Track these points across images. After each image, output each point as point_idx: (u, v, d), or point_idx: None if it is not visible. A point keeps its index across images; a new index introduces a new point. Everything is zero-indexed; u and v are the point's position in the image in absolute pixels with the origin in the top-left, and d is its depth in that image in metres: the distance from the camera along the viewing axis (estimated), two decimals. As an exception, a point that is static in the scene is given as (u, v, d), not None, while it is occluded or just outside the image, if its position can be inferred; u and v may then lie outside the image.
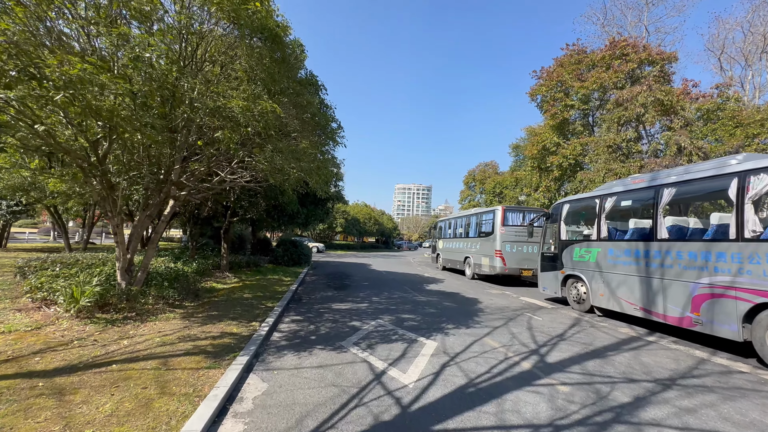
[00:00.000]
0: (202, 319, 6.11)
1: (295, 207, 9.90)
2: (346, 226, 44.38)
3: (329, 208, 15.07)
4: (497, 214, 13.56)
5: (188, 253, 13.11)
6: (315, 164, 5.83)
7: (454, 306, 8.74)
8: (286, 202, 9.55)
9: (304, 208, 11.66)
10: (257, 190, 8.79)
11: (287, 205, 9.63)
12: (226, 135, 4.26)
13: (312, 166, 5.70)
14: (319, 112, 6.43)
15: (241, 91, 4.48)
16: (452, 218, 18.90)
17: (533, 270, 13.34)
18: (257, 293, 8.97)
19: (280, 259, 16.55)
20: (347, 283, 12.39)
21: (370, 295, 10.08)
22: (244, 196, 9.78)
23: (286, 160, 5.11)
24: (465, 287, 12.57)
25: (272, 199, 9.47)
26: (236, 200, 9.61)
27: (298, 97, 5.74)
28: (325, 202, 13.41)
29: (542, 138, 15.88)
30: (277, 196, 9.37)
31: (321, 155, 6.02)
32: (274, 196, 9.38)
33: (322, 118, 6.49)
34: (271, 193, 9.25)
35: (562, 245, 9.39)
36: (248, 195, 9.49)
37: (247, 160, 5.40)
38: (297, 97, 5.71)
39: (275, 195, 9.36)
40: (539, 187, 16.62)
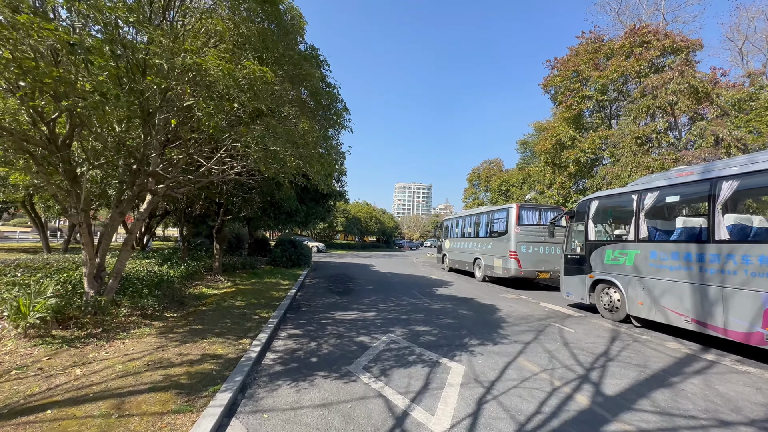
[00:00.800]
0: (182, 335, 5.15)
1: (293, 204, 8.94)
2: (346, 225, 43.42)
3: (331, 205, 14.05)
4: (511, 213, 12.61)
5: (179, 255, 12.15)
6: (316, 151, 4.87)
7: (472, 315, 7.79)
8: (284, 198, 8.59)
9: (304, 205, 10.70)
10: (251, 184, 7.85)
11: (285, 201, 8.68)
12: (201, 107, 3.33)
13: (313, 154, 4.73)
14: (321, 90, 5.44)
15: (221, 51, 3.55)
16: (460, 217, 17.94)
17: (550, 272, 12.42)
18: (251, 300, 8.01)
19: (278, 260, 15.59)
20: (351, 287, 11.43)
21: (377, 301, 9.13)
22: (238, 192, 8.84)
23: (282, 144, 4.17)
24: (478, 291, 11.62)
25: (268, 195, 8.50)
26: (228, 196, 8.66)
27: (297, 68, 4.75)
28: (326, 199, 12.41)
29: (556, 132, 14.93)
30: (274, 192, 8.41)
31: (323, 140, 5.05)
32: (271, 191, 8.43)
33: (324, 96, 5.49)
34: (267, 188, 8.30)
35: (590, 246, 8.44)
36: (242, 190, 8.55)
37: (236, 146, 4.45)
38: (295, 69, 4.73)
39: (271, 190, 8.41)
40: (552, 184, 15.67)
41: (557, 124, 15.34)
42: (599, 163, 14.53)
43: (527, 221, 12.59)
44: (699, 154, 9.85)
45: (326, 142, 4.86)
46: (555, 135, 14.93)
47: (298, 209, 9.68)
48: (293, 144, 4.35)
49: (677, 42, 13.45)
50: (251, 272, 12.91)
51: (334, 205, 14.35)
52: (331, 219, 40.80)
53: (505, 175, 30.67)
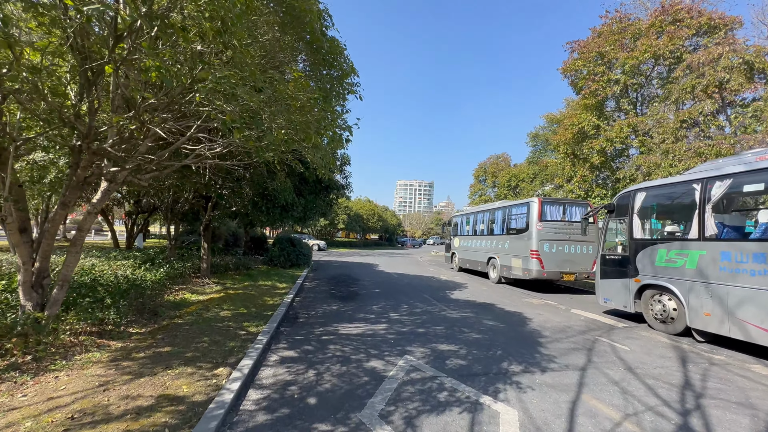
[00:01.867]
0: (141, 362, 3.97)
1: (289, 196, 7.76)
2: (348, 223, 42.22)
3: (332, 199, 12.75)
4: (533, 208, 11.38)
5: (167, 254, 10.97)
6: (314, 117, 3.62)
7: (501, 327, 6.59)
8: (278, 189, 7.39)
9: (302, 198, 9.45)
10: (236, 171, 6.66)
11: (279, 193, 7.50)
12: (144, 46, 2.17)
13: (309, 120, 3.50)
14: (322, 38, 4.14)
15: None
16: (471, 213, 16.71)
17: (576, 274, 11.21)
18: (240, 309, 6.83)
19: (275, 259, 14.40)
20: (355, 291, 10.24)
21: (386, 308, 7.93)
22: (225, 183, 7.65)
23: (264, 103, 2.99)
24: (497, 295, 10.41)
25: (260, 186, 7.31)
26: (215, 188, 7.46)
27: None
28: (327, 192, 11.17)
29: (578, 120, 13.67)
30: (266, 182, 7.21)
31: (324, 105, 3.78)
32: (262, 181, 7.22)
33: (326, 45, 4.17)
34: (258, 177, 7.10)
35: (636, 245, 7.23)
36: (229, 180, 7.36)
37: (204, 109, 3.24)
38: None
39: (263, 180, 7.20)
40: (573, 177, 14.43)
41: (578, 112, 14.07)
42: (627, 153, 13.28)
43: (550, 217, 11.36)
44: (762, 138, 8.60)
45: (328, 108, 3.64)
46: (576, 124, 13.67)
47: (295, 202, 8.45)
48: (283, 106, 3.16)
49: (714, 20, 12.15)
50: (245, 274, 11.73)
51: (336, 198, 13.03)
52: (332, 216, 39.62)
53: (513, 170, 29.36)
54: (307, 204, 9.47)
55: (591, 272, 11.32)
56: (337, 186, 11.46)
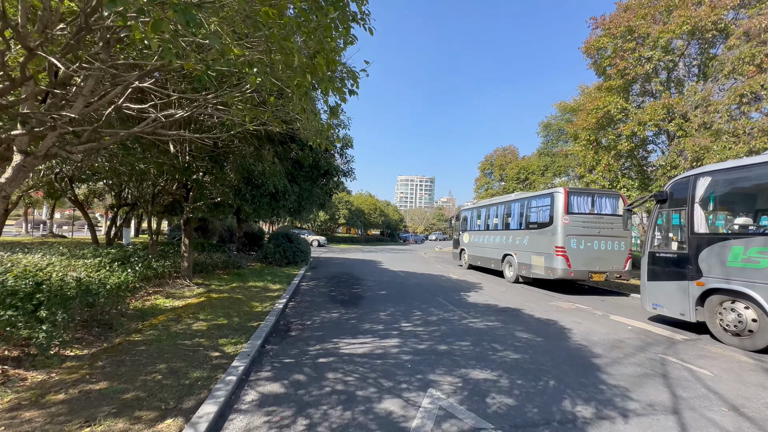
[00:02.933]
0: (53, 410, 2.75)
1: (279, 182, 6.47)
2: (349, 218, 40.95)
3: (331, 187, 11.43)
4: (558, 199, 10.11)
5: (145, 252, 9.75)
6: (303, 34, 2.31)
7: (540, 342, 5.36)
8: (266, 173, 6.12)
9: (295, 185, 8.11)
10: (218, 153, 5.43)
11: (267, 178, 6.22)
12: None
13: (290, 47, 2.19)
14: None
15: None
16: (483, 206, 15.45)
17: (606, 273, 9.97)
18: (219, 319, 5.61)
19: (270, 257, 13.17)
20: (358, 293, 9.02)
21: (396, 315, 6.71)
22: (206, 168, 6.39)
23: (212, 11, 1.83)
24: (519, 298, 9.19)
25: (244, 169, 6.05)
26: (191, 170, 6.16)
27: None
28: (326, 178, 10.01)
29: (603, 103, 12.36)
30: (251, 165, 5.94)
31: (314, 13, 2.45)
32: (246, 164, 5.95)
33: None
34: (242, 160, 5.83)
35: (698, 242, 5.98)
36: (209, 163, 6.11)
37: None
38: None
39: (246, 162, 5.92)
40: (596, 166, 13.15)
41: (602, 95, 12.76)
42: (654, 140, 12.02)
43: (578, 209, 10.10)
44: None
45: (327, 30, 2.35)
46: (601, 107, 12.37)
47: (288, 190, 7.14)
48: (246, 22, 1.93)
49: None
50: (235, 273, 10.51)
51: (336, 186, 11.60)
52: (333, 211, 38.37)
53: (522, 162, 28.03)
54: (301, 192, 8.11)
55: (623, 272, 10.10)
56: (336, 171, 10.22)
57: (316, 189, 9.02)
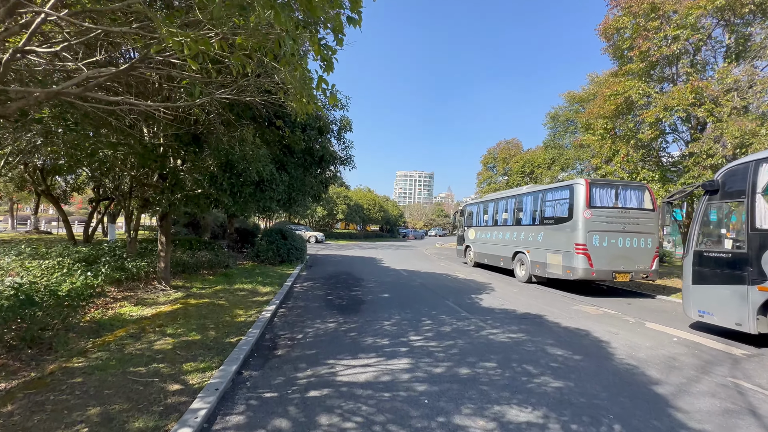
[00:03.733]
0: None
1: (264, 168, 5.40)
2: (348, 213, 39.93)
3: (328, 177, 10.03)
4: (578, 192, 9.16)
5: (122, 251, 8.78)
6: None
7: (579, 361, 4.43)
8: (248, 158, 5.07)
9: (284, 172, 7.10)
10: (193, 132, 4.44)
11: (249, 164, 5.17)
12: None
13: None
14: None
15: None
16: (490, 200, 14.49)
17: (632, 273, 9.05)
18: (191, 333, 4.65)
19: (262, 255, 12.20)
20: (358, 296, 8.07)
21: (403, 325, 5.76)
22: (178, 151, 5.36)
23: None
24: (536, 301, 8.27)
25: (223, 154, 5.02)
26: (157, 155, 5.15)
27: None
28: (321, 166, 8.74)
29: (623, 87, 11.38)
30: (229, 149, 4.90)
31: None
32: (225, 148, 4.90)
33: None
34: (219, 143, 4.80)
35: (761, 239, 5.05)
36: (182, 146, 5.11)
37: None
38: None
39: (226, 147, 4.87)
40: (613, 157, 12.20)
41: (621, 80, 11.78)
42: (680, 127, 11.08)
43: (600, 202, 9.15)
44: None
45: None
46: (621, 93, 11.40)
47: (274, 178, 6.09)
48: None
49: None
50: (222, 273, 9.54)
51: (333, 176, 10.39)
52: (331, 206, 37.40)
53: (527, 155, 27.07)
54: (292, 182, 7.02)
55: (650, 271, 9.18)
56: (333, 158, 8.96)
57: (309, 178, 7.82)
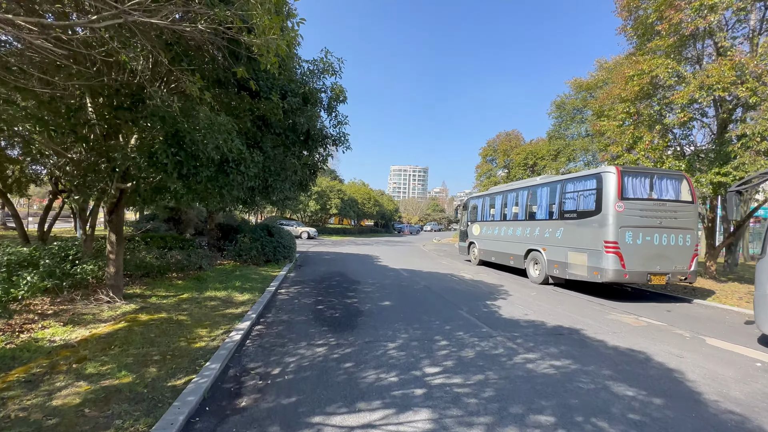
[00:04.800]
0: None
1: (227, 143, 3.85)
2: (342, 208, 38.43)
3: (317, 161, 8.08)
4: (608, 181, 7.94)
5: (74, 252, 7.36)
6: None
7: (661, 406, 3.20)
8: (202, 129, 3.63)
9: (257, 151, 5.32)
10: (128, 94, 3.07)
11: (205, 136, 3.70)
12: None
13: None
14: None
15: None
16: (498, 193, 13.24)
17: (668, 274, 7.89)
18: (121, 372, 3.31)
19: (245, 253, 10.83)
20: (354, 305, 6.78)
21: (413, 349, 4.48)
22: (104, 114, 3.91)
23: None
24: (563, 309, 7.06)
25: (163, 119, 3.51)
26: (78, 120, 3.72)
27: None
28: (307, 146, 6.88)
29: (650, 66, 10.16)
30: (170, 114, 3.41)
31: None
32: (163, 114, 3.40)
33: None
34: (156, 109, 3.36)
35: None
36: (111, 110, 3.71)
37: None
38: None
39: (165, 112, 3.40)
40: (635, 144, 11.00)
41: (648, 58, 10.56)
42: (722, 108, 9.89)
43: (633, 193, 7.95)
44: None
45: None
46: (648, 71, 10.19)
47: (243, 157, 4.50)
48: None
49: None
50: (194, 277, 8.17)
51: (323, 161, 8.40)
52: (324, 200, 35.96)
53: (529, 147, 25.85)
54: (268, 163, 5.48)
55: (688, 273, 8.03)
56: (321, 135, 6.98)
57: (291, 159, 6.34)
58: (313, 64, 5.79)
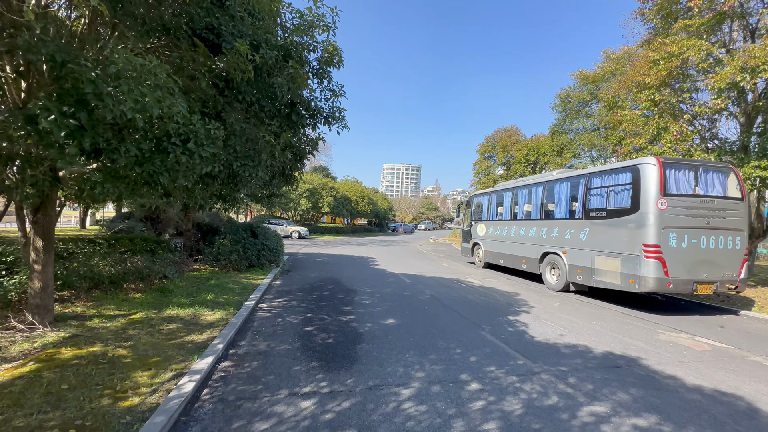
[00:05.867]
0: None
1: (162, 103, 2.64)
2: (334, 206, 37.00)
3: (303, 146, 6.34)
4: (648, 174, 6.80)
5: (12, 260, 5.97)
6: None
7: None
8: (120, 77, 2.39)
9: (217, 122, 3.45)
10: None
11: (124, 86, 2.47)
12: None
13: None
14: None
15: None
16: (506, 189, 12.06)
17: (716, 283, 6.79)
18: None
19: (223, 257, 9.47)
20: (351, 325, 5.52)
21: (437, 400, 3.25)
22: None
23: None
24: (604, 328, 5.90)
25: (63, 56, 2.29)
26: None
27: None
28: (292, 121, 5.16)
29: (680, 47, 9.08)
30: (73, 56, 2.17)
31: None
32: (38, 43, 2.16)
33: None
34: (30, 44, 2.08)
35: None
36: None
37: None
38: None
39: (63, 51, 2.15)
40: (659, 135, 9.93)
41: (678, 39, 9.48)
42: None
43: (677, 189, 6.82)
44: None
45: None
46: (677, 53, 9.10)
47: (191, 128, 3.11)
48: None
49: None
50: (157, 288, 6.82)
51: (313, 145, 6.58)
52: (316, 198, 34.53)
53: (531, 143, 24.80)
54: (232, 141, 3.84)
55: (738, 280, 6.95)
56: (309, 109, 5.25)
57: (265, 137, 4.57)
58: (299, 16, 4.43)
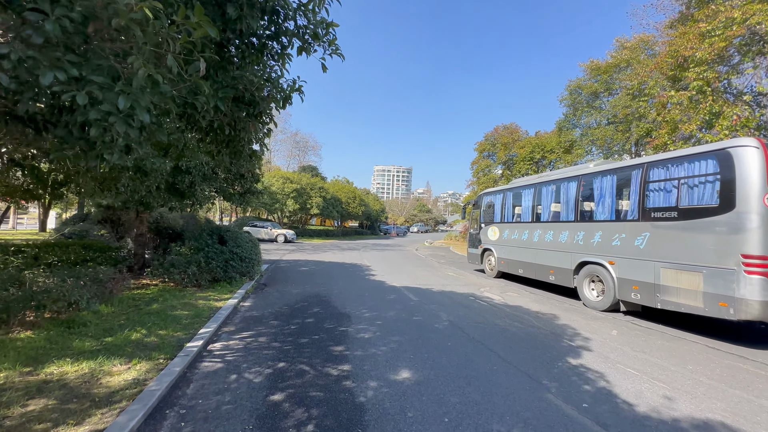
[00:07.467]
0: None
1: None
2: (324, 207, 34.88)
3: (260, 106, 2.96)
4: (745, 160, 5.05)
5: None
6: None
7: None
8: None
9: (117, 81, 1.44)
10: None
11: None
12: None
13: None
14: None
15: None
16: (526, 186, 10.24)
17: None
18: None
19: (177, 270, 7.36)
20: (346, 384, 3.59)
21: None
22: None
23: None
24: (698, 373, 4.07)
25: None
26: None
27: None
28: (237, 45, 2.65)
29: (745, 13, 7.48)
30: None
31: None
32: None
33: None
34: None
35: None
36: None
37: None
38: None
39: None
40: (715, 120, 8.31)
41: (742, 5, 7.85)
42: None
43: (786, 181, 5.08)
44: None
45: None
46: (740, 21, 7.49)
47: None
48: None
49: None
50: (66, 319, 4.75)
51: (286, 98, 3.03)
52: (304, 198, 32.39)
53: (535, 140, 23.23)
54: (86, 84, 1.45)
55: None
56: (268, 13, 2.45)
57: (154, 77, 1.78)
58: None
